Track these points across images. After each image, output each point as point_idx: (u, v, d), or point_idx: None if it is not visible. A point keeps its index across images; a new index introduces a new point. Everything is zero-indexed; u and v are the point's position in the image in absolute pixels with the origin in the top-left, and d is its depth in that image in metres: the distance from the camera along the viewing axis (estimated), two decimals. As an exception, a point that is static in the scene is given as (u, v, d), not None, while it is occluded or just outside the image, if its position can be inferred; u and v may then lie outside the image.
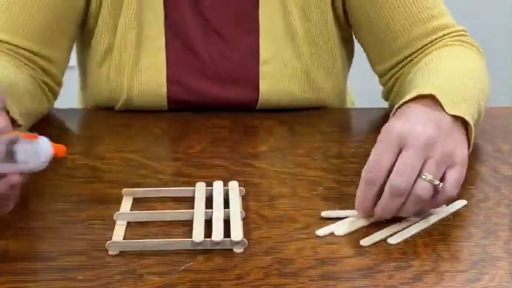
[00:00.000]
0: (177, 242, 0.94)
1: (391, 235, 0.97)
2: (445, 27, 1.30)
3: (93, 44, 1.33)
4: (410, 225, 0.98)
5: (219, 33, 1.32)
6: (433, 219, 1.00)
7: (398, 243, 0.95)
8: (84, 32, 1.35)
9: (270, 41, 1.31)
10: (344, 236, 0.97)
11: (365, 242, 0.96)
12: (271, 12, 1.30)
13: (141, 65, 1.30)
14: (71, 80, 1.44)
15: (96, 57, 1.33)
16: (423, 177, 0.95)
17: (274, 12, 1.30)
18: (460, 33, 1.31)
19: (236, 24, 1.32)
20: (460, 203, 1.04)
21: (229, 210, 1.00)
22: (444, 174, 0.97)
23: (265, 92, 1.32)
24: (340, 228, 0.98)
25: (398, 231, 0.97)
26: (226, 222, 0.98)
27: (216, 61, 1.32)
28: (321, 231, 0.98)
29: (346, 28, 1.37)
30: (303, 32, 1.31)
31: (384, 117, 1.27)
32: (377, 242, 0.96)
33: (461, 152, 1.00)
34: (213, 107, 1.33)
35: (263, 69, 1.32)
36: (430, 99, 1.04)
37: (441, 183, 0.96)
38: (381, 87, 1.37)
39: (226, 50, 1.32)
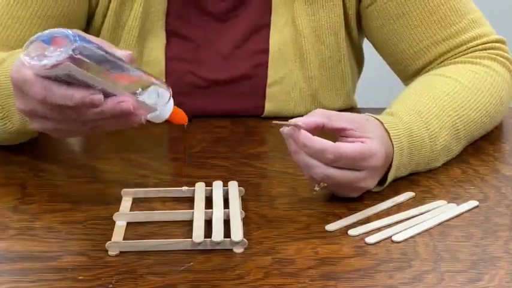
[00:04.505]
0: (177, 242, 0.94)
1: (396, 233, 0.97)
2: (473, 39, 1.25)
3: None
4: (416, 224, 0.99)
5: (225, 55, 1.29)
6: (439, 218, 1.00)
7: (402, 241, 0.96)
8: None
9: (279, 62, 1.28)
10: (357, 236, 0.97)
11: (370, 239, 0.96)
12: (282, 34, 1.27)
13: None
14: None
15: None
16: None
17: (285, 34, 1.27)
18: (488, 45, 1.26)
19: (245, 46, 1.28)
20: (472, 203, 1.04)
21: (229, 210, 1.00)
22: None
23: (270, 112, 1.29)
24: (353, 229, 0.98)
25: (403, 230, 0.97)
26: (226, 222, 0.98)
27: (220, 82, 1.29)
28: (331, 226, 0.98)
29: (360, 49, 1.35)
30: (314, 54, 1.28)
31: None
32: (382, 240, 0.96)
33: (372, 180, 1.04)
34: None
35: (270, 91, 1.29)
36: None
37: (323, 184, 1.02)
38: (381, 87, 1.36)
39: (231, 71, 1.29)
